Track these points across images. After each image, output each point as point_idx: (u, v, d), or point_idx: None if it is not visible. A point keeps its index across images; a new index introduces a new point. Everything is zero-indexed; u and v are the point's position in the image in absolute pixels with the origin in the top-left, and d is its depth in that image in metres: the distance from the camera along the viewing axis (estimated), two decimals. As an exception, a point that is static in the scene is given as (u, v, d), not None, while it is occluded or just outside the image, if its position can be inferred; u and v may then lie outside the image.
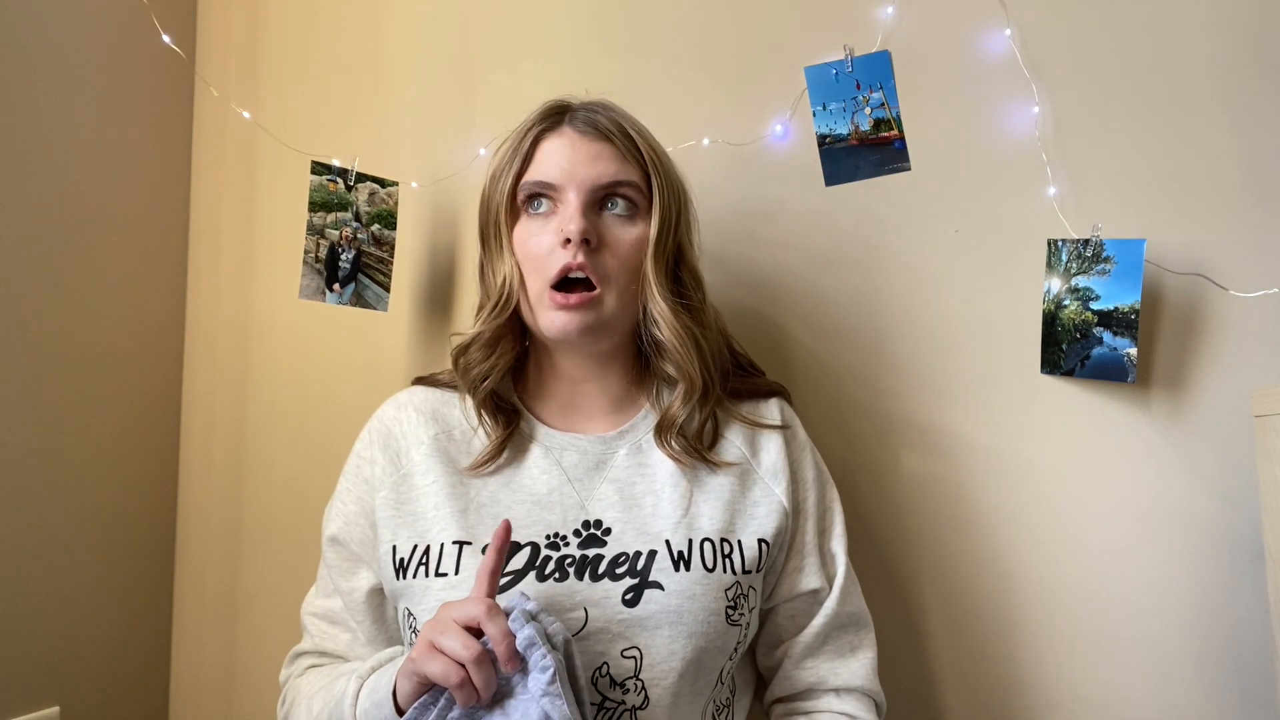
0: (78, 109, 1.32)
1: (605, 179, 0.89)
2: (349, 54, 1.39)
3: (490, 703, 0.75)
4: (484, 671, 0.73)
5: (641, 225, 0.91)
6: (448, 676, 0.73)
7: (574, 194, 0.88)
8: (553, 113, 0.93)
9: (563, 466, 0.92)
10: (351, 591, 0.95)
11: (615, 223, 0.90)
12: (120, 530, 1.40)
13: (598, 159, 0.89)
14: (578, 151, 0.89)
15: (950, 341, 1.11)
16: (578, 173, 0.89)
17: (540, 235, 0.90)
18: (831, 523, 0.97)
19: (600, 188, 0.89)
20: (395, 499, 0.91)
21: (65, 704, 1.32)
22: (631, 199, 0.90)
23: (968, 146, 1.09)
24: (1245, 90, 0.99)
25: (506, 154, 0.93)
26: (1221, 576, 1.00)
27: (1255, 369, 0.98)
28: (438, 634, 0.74)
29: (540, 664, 0.73)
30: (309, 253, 1.25)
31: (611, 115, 0.92)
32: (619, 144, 0.90)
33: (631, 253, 0.90)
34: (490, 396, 0.93)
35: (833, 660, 0.94)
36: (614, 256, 0.89)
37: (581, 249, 0.87)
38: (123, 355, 1.40)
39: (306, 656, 0.98)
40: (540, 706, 0.72)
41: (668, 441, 0.92)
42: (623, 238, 0.90)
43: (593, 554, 0.86)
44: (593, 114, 0.92)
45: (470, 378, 0.93)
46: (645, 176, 0.91)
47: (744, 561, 0.88)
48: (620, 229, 0.90)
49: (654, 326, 0.91)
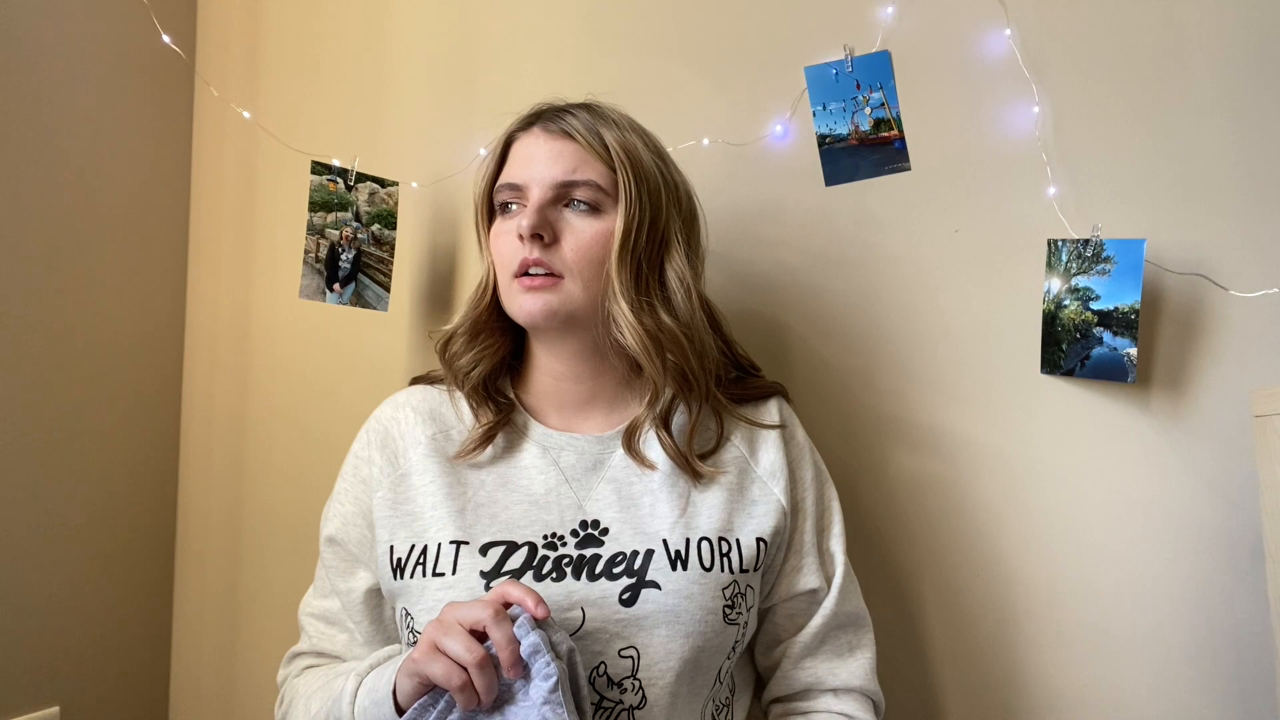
0: (78, 109, 1.32)
1: (563, 176, 0.90)
2: (349, 54, 1.39)
3: (491, 708, 0.75)
4: (486, 676, 0.73)
5: (607, 220, 0.90)
6: (449, 679, 0.73)
7: (535, 190, 0.90)
8: (529, 116, 0.95)
9: (560, 466, 0.92)
10: (349, 592, 0.95)
11: (576, 217, 0.90)
12: (120, 530, 1.40)
13: (558, 158, 0.90)
14: (540, 151, 0.91)
15: (950, 341, 1.11)
16: (537, 172, 0.90)
17: (507, 234, 0.92)
18: (830, 522, 0.97)
19: (557, 185, 0.90)
20: (393, 499, 0.92)
21: (65, 704, 1.32)
22: (592, 196, 0.90)
23: (968, 146, 1.09)
24: (1245, 90, 0.99)
25: (486, 156, 0.96)
26: (1221, 576, 1.00)
27: (1255, 369, 0.98)
28: (441, 635, 0.74)
29: (543, 672, 0.73)
30: (309, 252, 1.25)
31: (585, 116, 0.92)
32: (581, 141, 0.91)
33: (593, 245, 0.89)
34: (480, 387, 0.94)
35: (831, 660, 0.94)
36: (573, 249, 0.89)
37: (535, 244, 0.88)
38: (123, 355, 1.40)
39: (304, 657, 0.98)
40: (541, 714, 0.72)
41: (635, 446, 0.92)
42: (583, 231, 0.90)
43: (590, 554, 0.86)
44: (563, 115, 0.92)
45: (456, 369, 0.95)
46: (611, 174, 0.91)
47: (742, 560, 0.88)
48: (579, 222, 0.90)
49: (614, 328, 0.90)
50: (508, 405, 0.95)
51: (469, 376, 0.94)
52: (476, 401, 0.94)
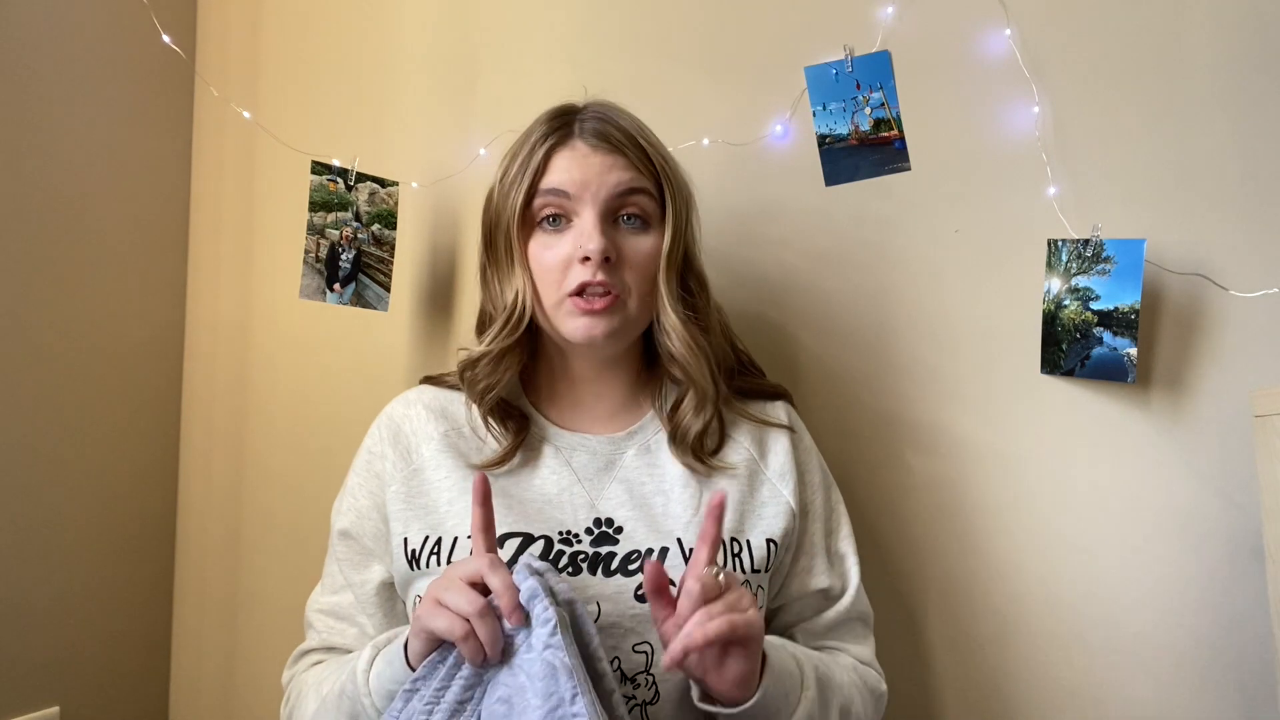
0: (78, 109, 1.32)
1: (621, 187, 0.89)
2: (349, 54, 1.39)
3: (499, 661, 0.74)
4: (488, 624, 0.73)
5: (655, 235, 0.92)
6: (452, 630, 0.73)
7: (589, 207, 0.89)
8: (560, 123, 0.92)
9: (573, 467, 0.93)
10: (364, 584, 0.95)
11: (630, 235, 0.91)
12: (120, 530, 1.40)
13: (611, 170, 0.90)
14: (590, 163, 0.90)
15: (950, 341, 1.11)
16: (591, 183, 0.89)
17: (556, 249, 0.90)
18: (838, 524, 0.99)
19: (615, 197, 0.89)
20: (406, 493, 0.92)
21: (65, 704, 1.32)
22: (644, 208, 0.91)
23: (968, 146, 1.09)
24: (1245, 90, 0.99)
25: (516, 167, 0.92)
26: (1221, 576, 1.00)
27: (1255, 369, 0.98)
28: (443, 590, 0.75)
29: (542, 617, 0.72)
30: (309, 252, 1.25)
31: (620, 124, 0.92)
32: (631, 155, 0.91)
33: (648, 263, 0.91)
34: (497, 406, 0.94)
35: (842, 642, 0.97)
36: (631, 269, 0.90)
37: (602, 267, 0.88)
38: (123, 355, 1.40)
39: (313, 654, 0.98)
40: (544, 659, 0.72)
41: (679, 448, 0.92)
42: (639, 249, 0.90)
43: (605, 551, 0.87)
44: (602, 124, 0.91)
45: (477, 390, 0.93)
46: (657, 184, 0.92)
47: (753, 561, 0.89)
48: (636, 241, 0.91)
49: (666, 338, 0.92)
50: (523, 418, 0.95)
51: (487, 396, 0.93)
52: (495, 419, 0.94)
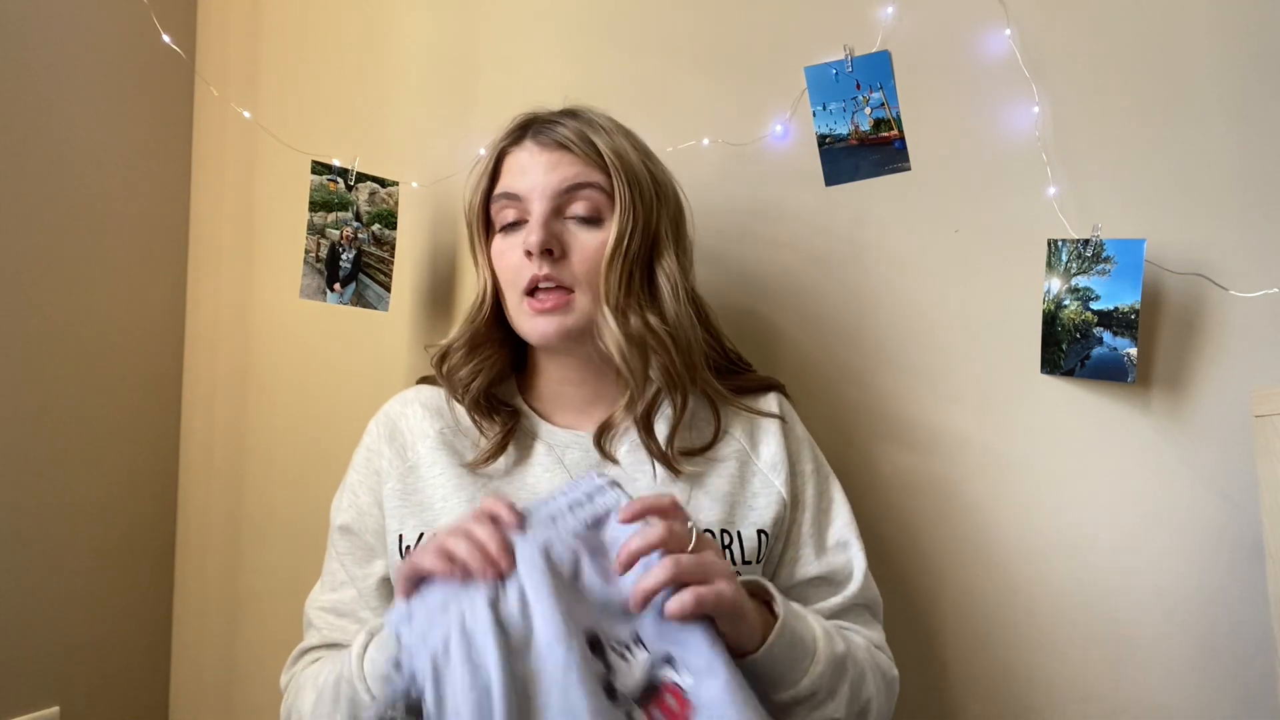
0: (78, 109, 1.32)
1: (565, 183, 0.91)
2: (349, 54, 1.39)
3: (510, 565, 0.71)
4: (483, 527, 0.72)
5: (608, 229, 0.91)
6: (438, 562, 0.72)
7: (537, 204, 0.91)
8: (517, 128, 0.95)
9: (565, 464, 0.93)
10: (366, 578, 0.96)
11: (578, 228, 0.91)
12: (120, 530, 1.40)
13: (556, 166, 0.91)
14: (537, 161, 0.92)
15: (950, 341, 1.11)
16: (538, 182, 0.91)
17: (512, 250, 0.92)
18: (835, 514, 0.97)
19: (559, 192, 0.91)
20: (402, 490, 0.93)
21: (65, 704, 1.32)
22: (595, 202, 0.91)
23: (968, 146, 1.09)
24: (1245, 90, 0.99)
25: (476, 173, 0.97)
26: (1221, 576, 1.00)
27: (1255, 369, 0.98)
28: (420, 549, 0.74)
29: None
30: (309, 252, 1.25)
31: (574, 123, 0.93)
32: (576, 150, 0.92)
33: (596, 255, 0.91)
34: (480, 399, 0.95)
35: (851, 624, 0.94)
36: (580, 261, 0.91)
37: (545, 259, 0.89)
38: (123, 354, 1.40)
39: (313, 652, 0.98)
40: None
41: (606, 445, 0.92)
42: (587, 243, 0.91)
43: None
44: (553, 125, 0.93)
45: (455, 382, 0.95)
46: (608, 179, 0.92)
47: (744, 552, 0.90)
48: (586, 235, 0.91)
49: (597, 332, 0.92)
50: (512, 412, 0.96)
51: (469, 389, 0.94)
52: (478, 414, 0.94)
